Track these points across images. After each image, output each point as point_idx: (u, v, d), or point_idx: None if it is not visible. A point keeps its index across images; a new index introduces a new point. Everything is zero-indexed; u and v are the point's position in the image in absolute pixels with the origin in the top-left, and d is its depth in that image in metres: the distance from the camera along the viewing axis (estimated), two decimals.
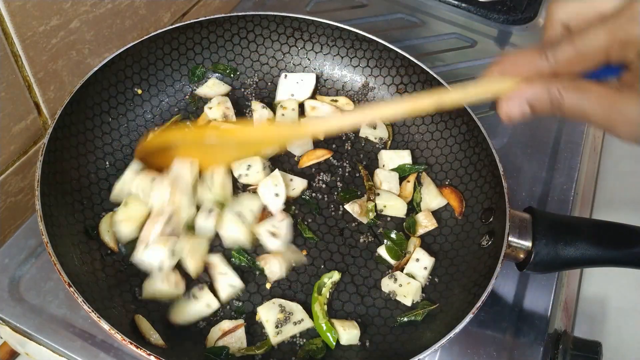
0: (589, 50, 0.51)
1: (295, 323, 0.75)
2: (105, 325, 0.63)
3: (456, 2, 1.32)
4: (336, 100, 0.99)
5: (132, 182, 0.80)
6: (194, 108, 0.95)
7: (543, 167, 1.03)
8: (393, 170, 0.92)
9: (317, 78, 1.01)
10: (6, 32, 0.75)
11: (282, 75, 0.98)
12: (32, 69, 0.82)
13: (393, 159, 0.92)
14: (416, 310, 0.77)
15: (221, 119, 0.91)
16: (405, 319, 0.77)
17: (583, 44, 0.51)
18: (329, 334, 0.74)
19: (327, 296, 0.78)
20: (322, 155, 0.93)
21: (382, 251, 0.84)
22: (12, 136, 0.84)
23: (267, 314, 0.75)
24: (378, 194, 0.88)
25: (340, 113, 0.96)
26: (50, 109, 0.88)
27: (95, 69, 0.84)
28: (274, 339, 0.74)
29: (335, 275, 0.79)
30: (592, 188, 1.29)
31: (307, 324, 0.75)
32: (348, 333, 0.74)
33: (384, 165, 0.92)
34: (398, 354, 0.73)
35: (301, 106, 0.98)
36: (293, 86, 0.98)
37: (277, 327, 0.74)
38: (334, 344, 0.74)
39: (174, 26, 0.91)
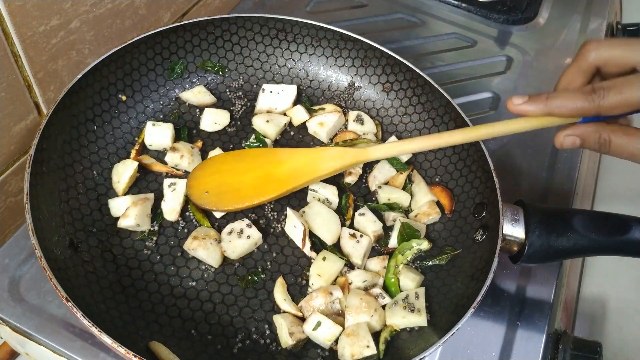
0: (634, 100, 0.59)
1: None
2: (108, 339, 0.61)
3: (456, 2, 1.32)
4: (324, 108, 0.98)
5: None
6: (176, 113, 0.94)
7: (543, 167, 1.03)
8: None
9: (299, 86, 1.00)
10: (6, 32, 0.75)
11: (262, 88, 0.96)
12: (32, 69, 0.82)
13: None
14: (440, 255, 0.81)
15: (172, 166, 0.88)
16: (430, 263, 0.81)
17: (631, 94, 0.59)
18: (393, 289, 0.79)
19: (408, 259, 0.81)
20: None
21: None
22: (12, 136, 0.84)
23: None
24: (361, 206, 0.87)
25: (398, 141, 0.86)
26: (50, 109, 0.88)
27: (79, 76, 0.82)
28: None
29: (425, 244, 0.81)
30: (592, 188, 1.29)
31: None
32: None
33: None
34: (398, 355, 0.73)
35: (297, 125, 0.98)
36: (274, 97, 0.96)
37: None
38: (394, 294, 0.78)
39: (156, 30, 0.90)
